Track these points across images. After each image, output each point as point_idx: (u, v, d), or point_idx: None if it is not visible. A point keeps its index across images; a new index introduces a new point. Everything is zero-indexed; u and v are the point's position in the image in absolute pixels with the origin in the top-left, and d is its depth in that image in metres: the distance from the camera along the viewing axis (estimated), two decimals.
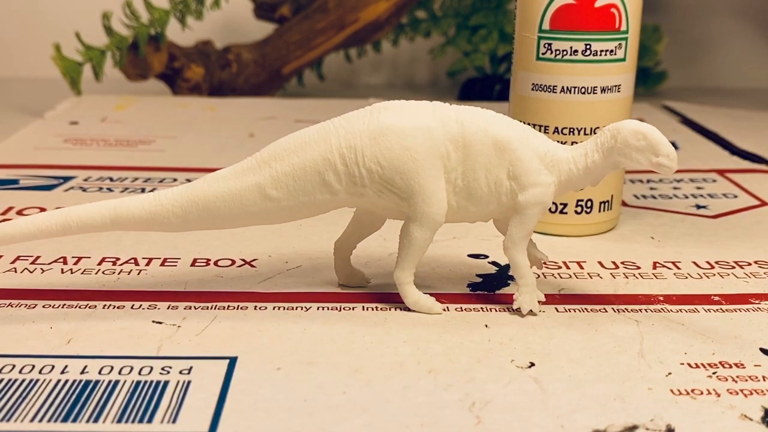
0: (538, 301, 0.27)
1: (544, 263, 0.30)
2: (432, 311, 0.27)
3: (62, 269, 0.30)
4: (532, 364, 0.24)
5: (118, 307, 0.27)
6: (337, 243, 0.29)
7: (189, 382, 0.22)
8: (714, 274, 0.31)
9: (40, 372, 0.23)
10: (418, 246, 0.26)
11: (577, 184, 0.27)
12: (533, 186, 0.26)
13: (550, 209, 0.35)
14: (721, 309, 0.28)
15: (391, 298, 0.28)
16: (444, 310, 0.27)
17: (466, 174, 0.26)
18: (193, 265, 0.31)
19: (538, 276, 0.30)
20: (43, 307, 0.27)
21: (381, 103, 0.26)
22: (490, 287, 0.30)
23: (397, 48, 0.73)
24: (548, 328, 0.26)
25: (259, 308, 0.27)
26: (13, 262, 0.31)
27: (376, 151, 0.25)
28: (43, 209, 0.37)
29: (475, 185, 0.26)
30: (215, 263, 0.31)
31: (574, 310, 0.28)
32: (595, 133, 0.26)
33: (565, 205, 0.35)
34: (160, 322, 0.26)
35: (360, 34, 0.66)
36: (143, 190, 0.40)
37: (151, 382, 0.22)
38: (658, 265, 0.32)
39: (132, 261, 0.31)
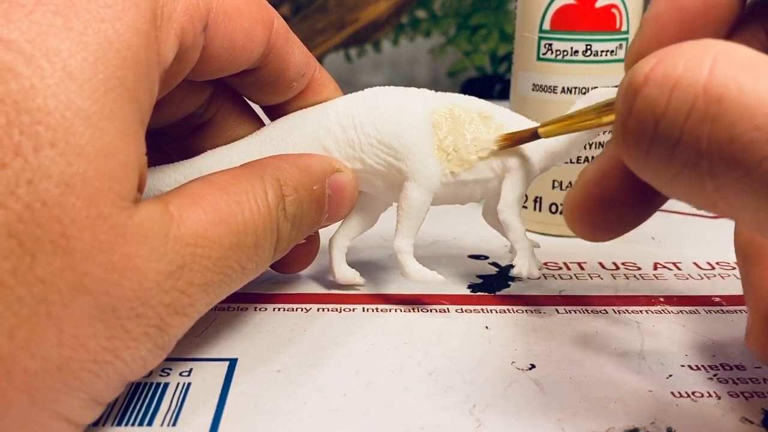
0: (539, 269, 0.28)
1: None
2: (435, 279, 0.27)
3: None
4: (533, 366, 0.24)
5: None
6: (332, 239, 0.29)
7: (189, 384, 0.22)
8: (715, 275, 0.31)
9: None
10: (416, 209, 0.26)
11: (560, 154, 0.27)
12: (520, 148, 0.27)
13: (550, 209, 0.35)
14: (721, 310, 0.28)
15: (392, 299, 0.28)
16: (444, 311, 0.27)
17: (457, 141, 0.27)
18: None
19: (539, 275, 0.30)
20: None
21: (372, 88, 0.27)
22: (491, 288, 0.30)
23: (397, 48, 0.72)
24: (549, 330, 0.26)
25: (260, 309, 0.27)
26: None
27: (372, 118, 0.26)
28: None
29: (466, 152, 0.27)
30: None
31: (575, 311, 0.28)
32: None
33: None
34: None
35: (360, 33, 0.65)
36: None
37: (151, 384, 0.22)
38: (658, 266, 0.32)
39: None
